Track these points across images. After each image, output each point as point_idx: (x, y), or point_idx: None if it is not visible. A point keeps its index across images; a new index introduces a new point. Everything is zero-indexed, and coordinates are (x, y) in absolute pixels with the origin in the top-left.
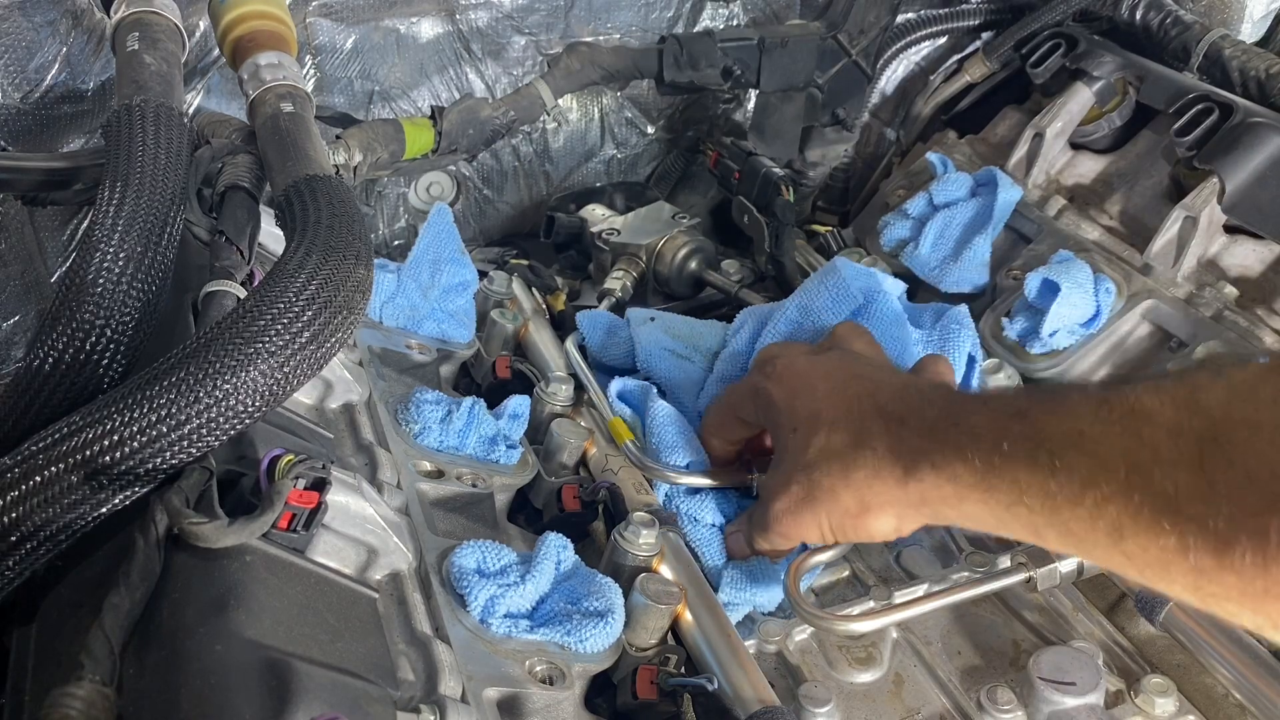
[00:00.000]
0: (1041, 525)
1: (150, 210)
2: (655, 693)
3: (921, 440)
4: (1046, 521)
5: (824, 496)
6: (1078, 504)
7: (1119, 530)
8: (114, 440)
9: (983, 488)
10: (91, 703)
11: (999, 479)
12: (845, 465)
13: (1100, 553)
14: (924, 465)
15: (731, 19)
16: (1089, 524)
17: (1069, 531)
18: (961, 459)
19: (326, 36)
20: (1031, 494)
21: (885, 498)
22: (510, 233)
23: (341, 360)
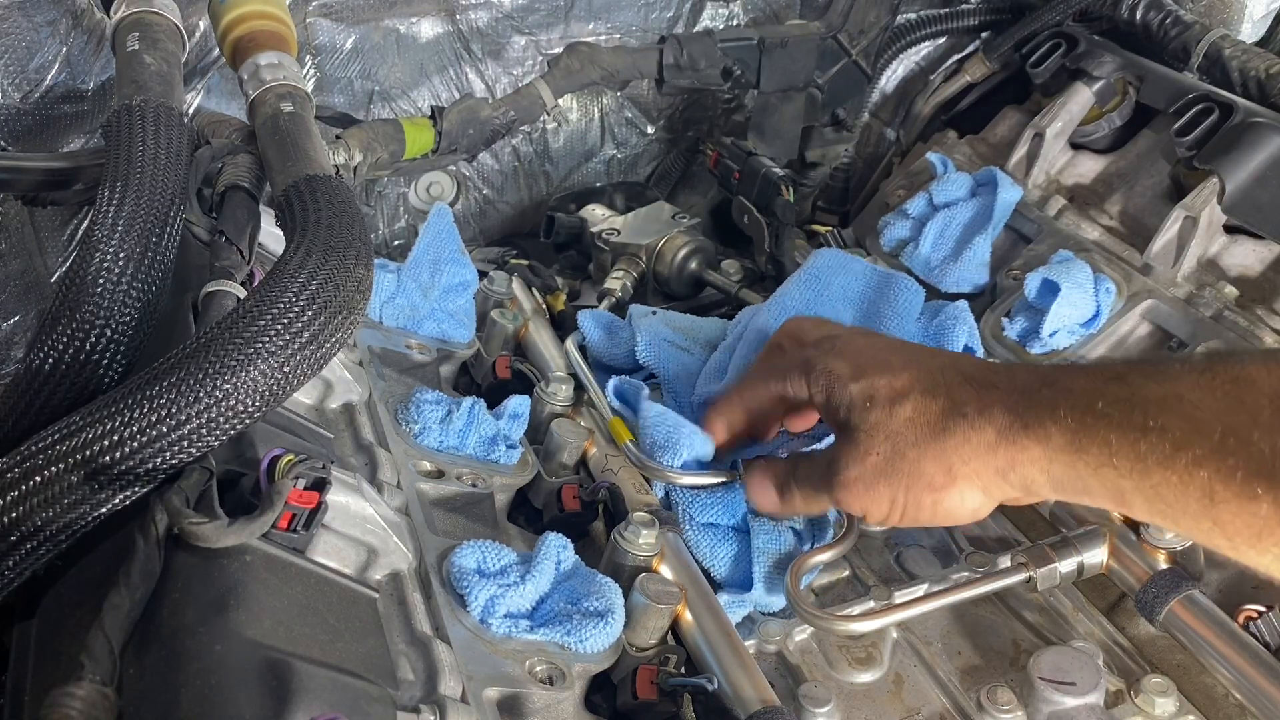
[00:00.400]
0: (1129, 489)
1: (150, 210)
2: (655, 693)
3: (1014, 401)
4: (1135, 485)
5: (907, 468)
6: (1169, 467)
7: (1210, 495)
8: (114, 440)
9: (1072, 449)
10: (91, 702)
11: (1090, 439)
12: (935, 432)
13: (1189, 520)
14: (1015, 426)
15: (731, 19)
16: (1180, 488)
17: (1158, 495)
18: (1054, 418)
19: (326, 36)
20: (1121, 455)
21: (974, 465)
22: (510, 233)
23: (341, 360)
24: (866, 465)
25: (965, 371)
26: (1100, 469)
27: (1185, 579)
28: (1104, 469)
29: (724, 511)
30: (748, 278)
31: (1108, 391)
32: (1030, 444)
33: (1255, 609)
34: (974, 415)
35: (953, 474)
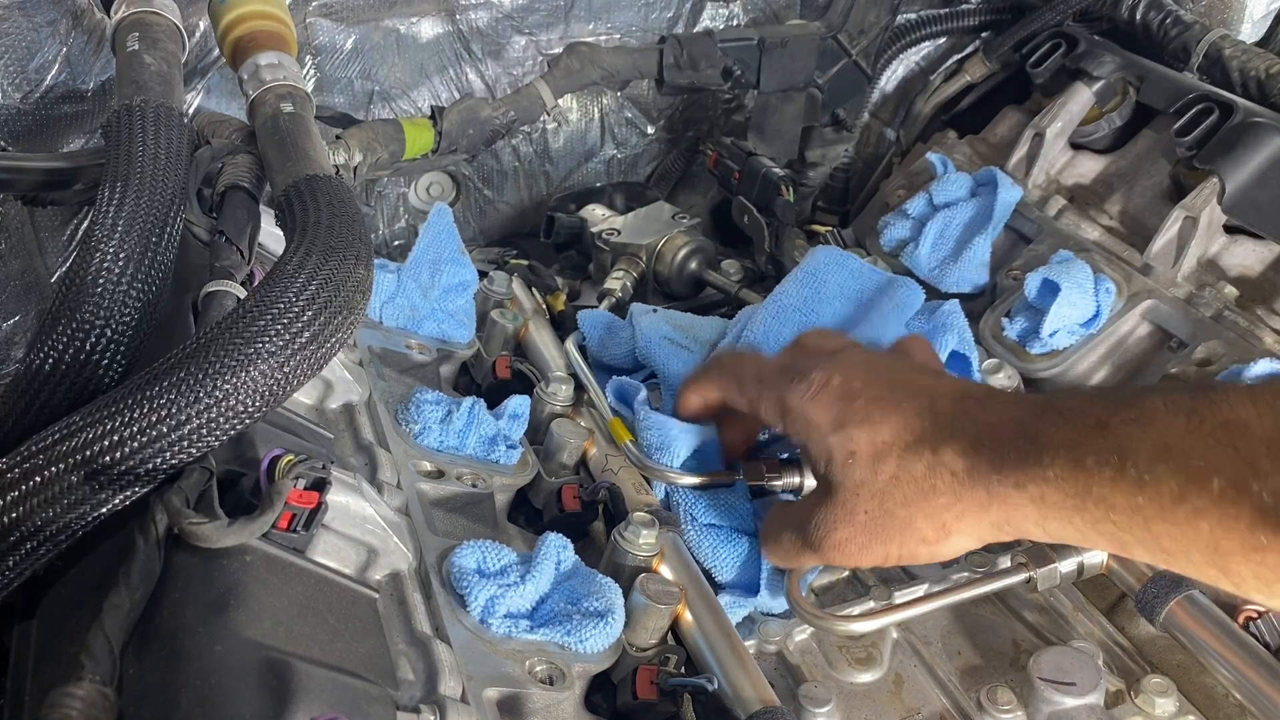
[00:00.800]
0: (1131, 541)
1: (150, 210)
2: (655, 693)
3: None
4: (1136, 538)
5: (899, 526)
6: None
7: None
8: (114, 440)
9: (1068, 506)
10: (91, 703)
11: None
12: (924, 491)
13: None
14: (1006, 484)
15: (731, 19)
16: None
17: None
18: (1045, 478)
19: (326, 36)
20: (1118, 510)
21: (968, 521)
22: (510, 233)
23: (341, 360)
24: (855, 525)
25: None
26: (1099, 524)
27: (1185, 579)
28: (1102, 524)
29: (726, 513)
30: (748, 278)
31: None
32: (1024, 502)
33: (1255, 609)
34: (963, 475)
35: (946, 530)
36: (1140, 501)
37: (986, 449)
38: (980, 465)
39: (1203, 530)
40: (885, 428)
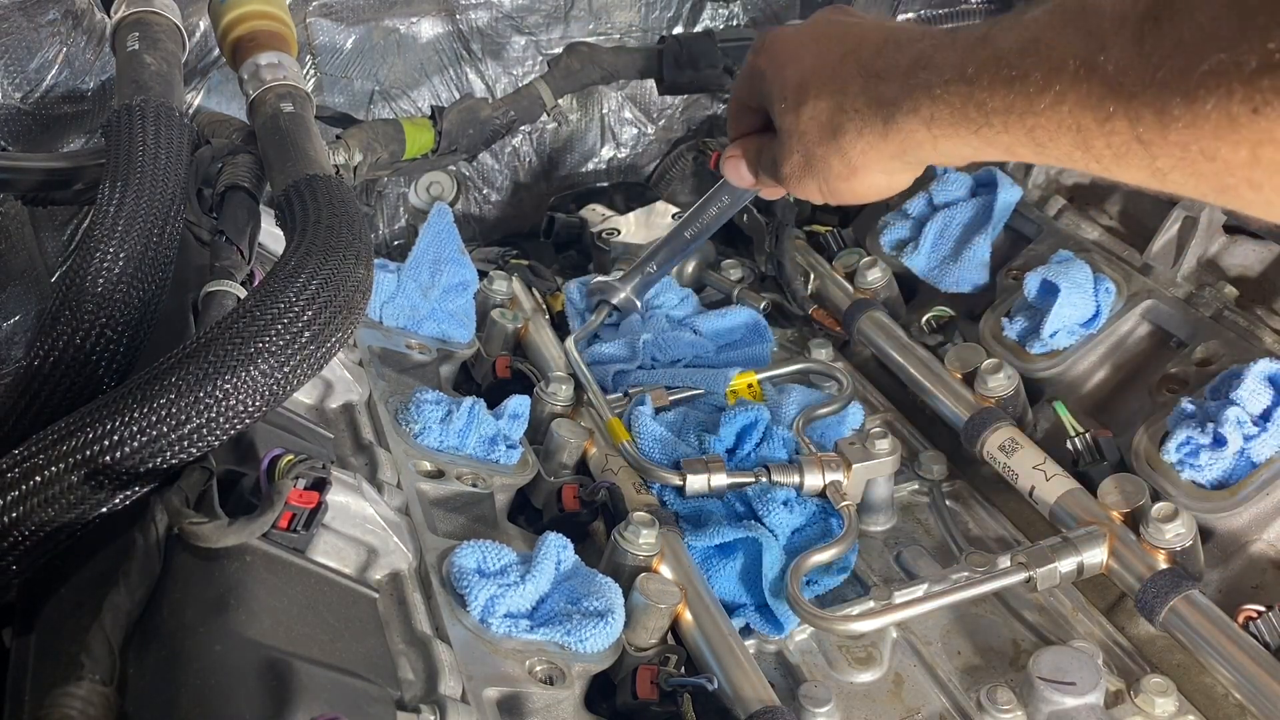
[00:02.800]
0: (1011, 142)
1: (150, 210)
2: (655, 692)
3: (896, 89)
4: (1014, 137)
5: (817, 163)
6: (1037, 111)
7: (1078, 126)
8: (114, 440)
9: (953, 122)
10: (91, 702)
11: (965, 106)
12: (832, 130)
13: (1068, 156)
14: (900, 114)
15: (731, 19)
16: (1052, 128)
17: (1034, 140)
18: (931, 97)
19: (326, 36)
20: (995, 112)
21: (870, 155)
22: (510, 233)
23: (342, 360)
24: (792, 164)
25: (863, 61)
26: (981, 130)
27: (1185, 579)
28: (984, 130)
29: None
30: (748, 278)
31: (975, 55)
32: (916, 127)
33: (1255, 609)
34: (864, 110)
35: (853, 166)
36: (1013, 98)
37: (886, 81)
38: (880, 98)
39: (1065, 114)
40: (811, 71)
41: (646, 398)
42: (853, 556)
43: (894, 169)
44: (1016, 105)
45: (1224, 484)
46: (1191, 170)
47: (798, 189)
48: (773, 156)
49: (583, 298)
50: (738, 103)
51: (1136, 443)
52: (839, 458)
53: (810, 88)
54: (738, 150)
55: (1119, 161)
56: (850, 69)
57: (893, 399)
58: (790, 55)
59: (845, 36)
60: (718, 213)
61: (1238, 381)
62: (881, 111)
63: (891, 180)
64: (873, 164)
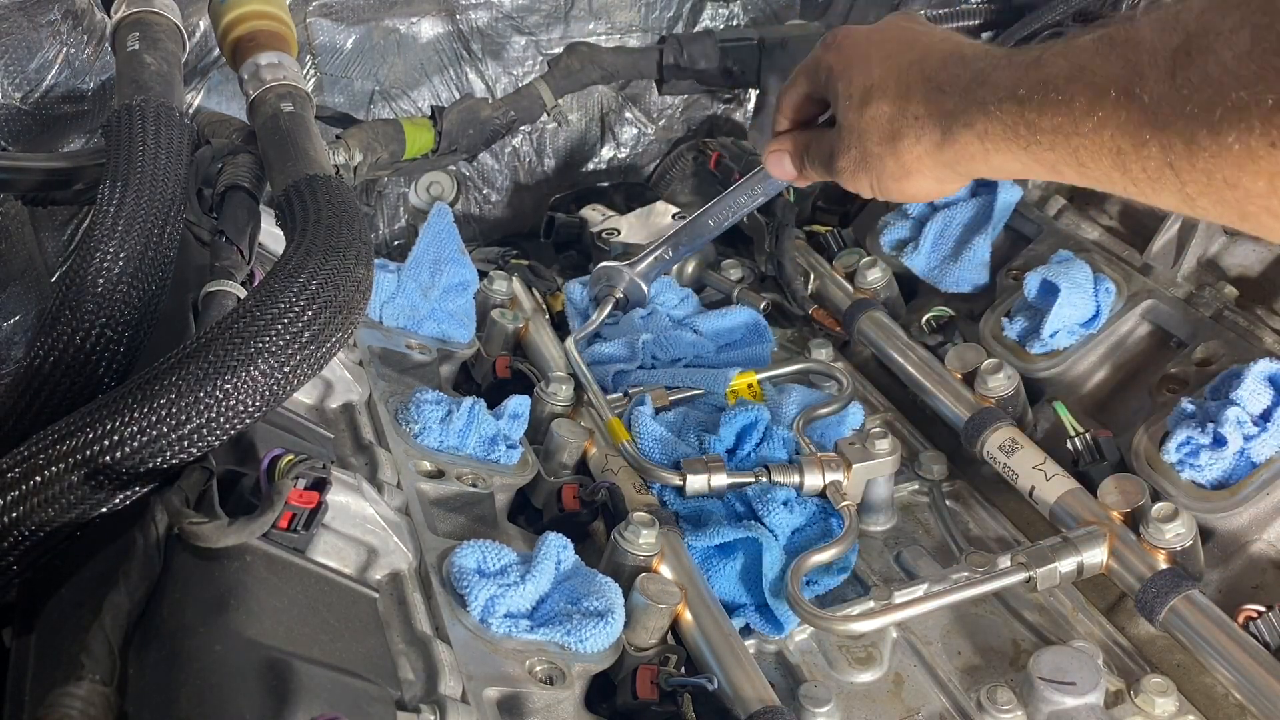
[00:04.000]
0: (1056, 160)
1: (150, 210)
2: (655, 692)
3: (955, 102)
4: (1059, 156)
5: (873, 161)
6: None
7: (1118, 150)
8: (114, 440)
9: (1005, 138)
10: (91, 702)
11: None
12: (892, 134)
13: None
14: (957, 126)
15: (731, 19)
16: (1094, 150)
17: (1080, 161)
18: (986, 114)
19: (327, 36)
20: (1043, 131)
21: (925, 161)
22: (510, 233)
23: (342, 360)
24: (849, 159)
25: (927, 72)
26: (1030, 147)
27: (1185, 579)
28: (1033, 147)
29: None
30: (748, 278)
31: (1027, 78)
32: (970, 140)
33: (1255, 609)
34: (924, 117)
35: (907, 169)
36: (1060, 120)
37: (947, 94)
38: (939, 110)
39: (1106, 138)
40: (875, 73)
41: (646, 398)
42: (853, 556)
43: (945, 176)
44: (1063, 127)
45: (1224, 484)
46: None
47: (850, 183)
48: (829, 149)
49: (583, 297)
50: (797, 94)
51: (1136, 443)
52: (839, 458)
53: (876, 90)
54: (785, 144)
55: (1153, 186)
56: (915, 77)
57: (893, 399)
58: (860, 55)
59: (914, 44)
60: (747, 202)
61: (1238, 381)
62: (941, 122)
63: (941, 186)
64: (926, 170)
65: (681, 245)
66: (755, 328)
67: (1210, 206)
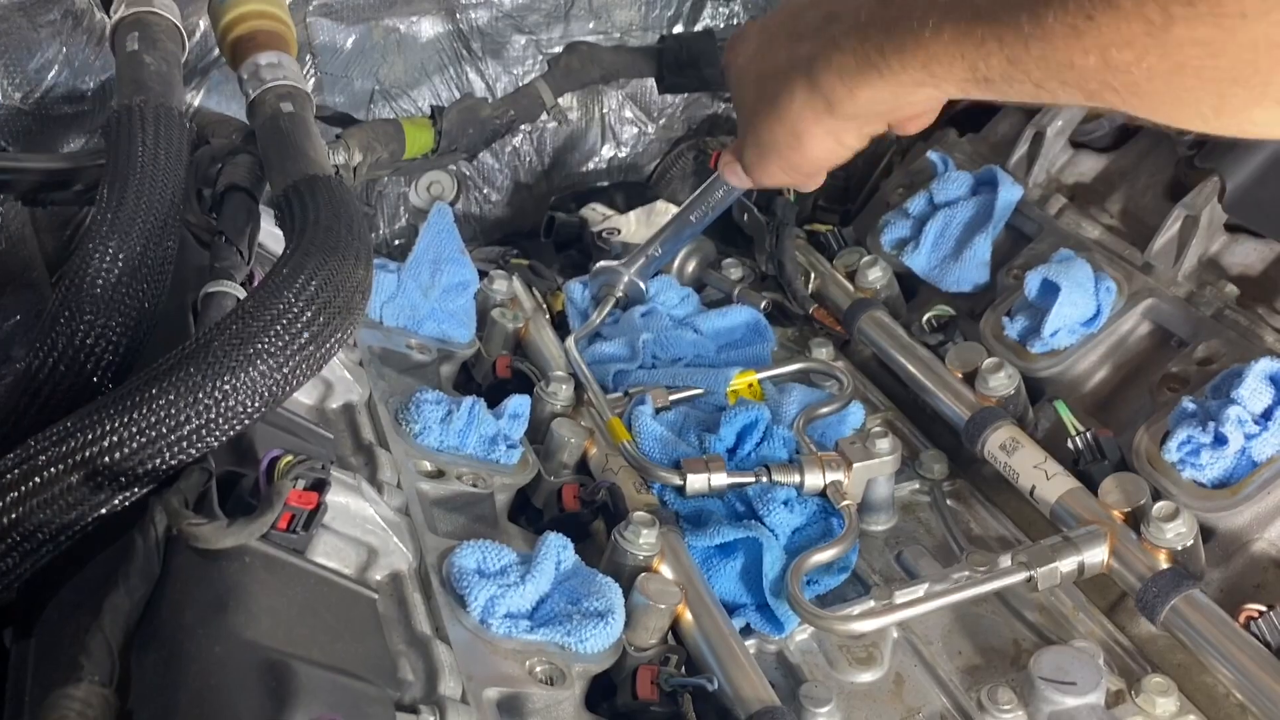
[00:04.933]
0: (914, 83)
1: (150, 211)
2: (656, 693)
3: (810, 45)
4: (915, 76)
5: (766, 141)
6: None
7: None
8: (113, 441)
9: (859, 68)
10: (90, 703)
11: (867, 51)
12: (770, 100)
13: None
14: (816, 67)
15: (732, 18)
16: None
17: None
18: (838, 49)
19: (326, 36)
20: (892, 53)
21: (807, 116)
22: (510, 232)
23: (341, 360)
24: (750, 152)
25: (788, 28)
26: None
27: (1186, 578)
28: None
29: (727, 529)
30: (748, 277)
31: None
32: (832, 80)
33: (1256, 608)
34: (788, 71)
35: (799, 135)
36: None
37: (804, 40)
38: (800, 57)
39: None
40: (751, 55)
41: (647, 397)
42: (853, 556)
43: (836, 129)
44: (907, 44)
45: (1225, 483)
46: (1060, 79)
47: (763, 175)
48: (741, 149)
49: (584, 297)
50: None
51: (1137, 442)
52: (839, 457)
53: (751, 68)
54: (729, 153)
55: (1007, 83)
56: (779, 39)
57: (893, 398)
58: (740, 44)
59: (783, 12)
60: (722, 197)
61: (1239, 380)
62: (802, 68)
63: (840, 142)
64: (812, 125)
65: (670, 241)
66: (756, 327)
67: (1059, 89)
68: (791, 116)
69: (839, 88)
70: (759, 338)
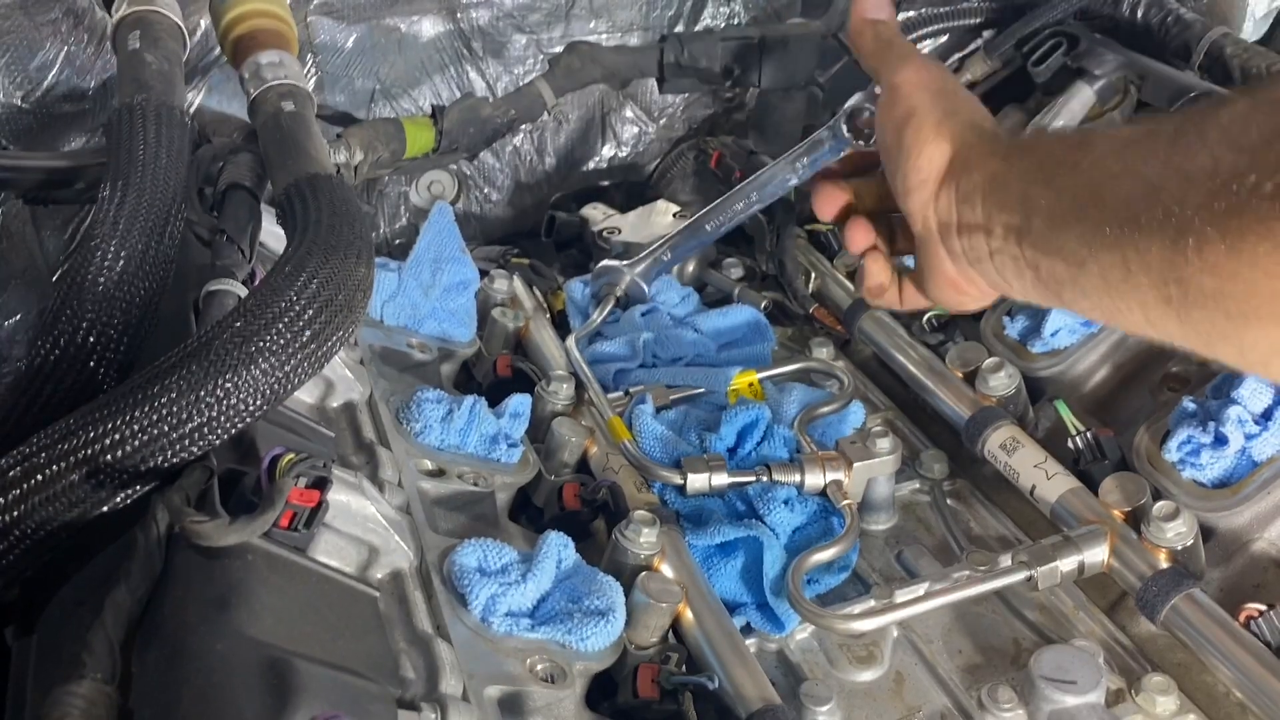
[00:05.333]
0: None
1: (151, 209)
2: (656, 691)
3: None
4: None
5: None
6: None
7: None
8: (115, 439)
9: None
10: (92, 700)
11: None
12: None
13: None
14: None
15: (732, 18)
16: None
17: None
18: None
19: (327, 35)
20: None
21: (959, 279)
22: (511, 231)
23: (342, 359)
24: (926, 278)
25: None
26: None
27: (1186, 578)
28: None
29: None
30: (748, 277)
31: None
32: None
33: (1256, 608)
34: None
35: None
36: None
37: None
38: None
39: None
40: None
41: (647, 396)
42: (854, 555)
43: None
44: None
45: (1225, 483)
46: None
47: (936, 299)
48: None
49: (584, 296)
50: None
51: (1138, 442)
52: (840, 457)
53: (932, 181)
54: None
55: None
56: (983, 192)
57: (894, 398)
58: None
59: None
60: (744, 208)
61: (1239, 380)
62: (989, 239)
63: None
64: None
65: (679, 247)
66: (756, 326)
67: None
68: (951, 270)
69: (1009, 284)
70: (759, 337)
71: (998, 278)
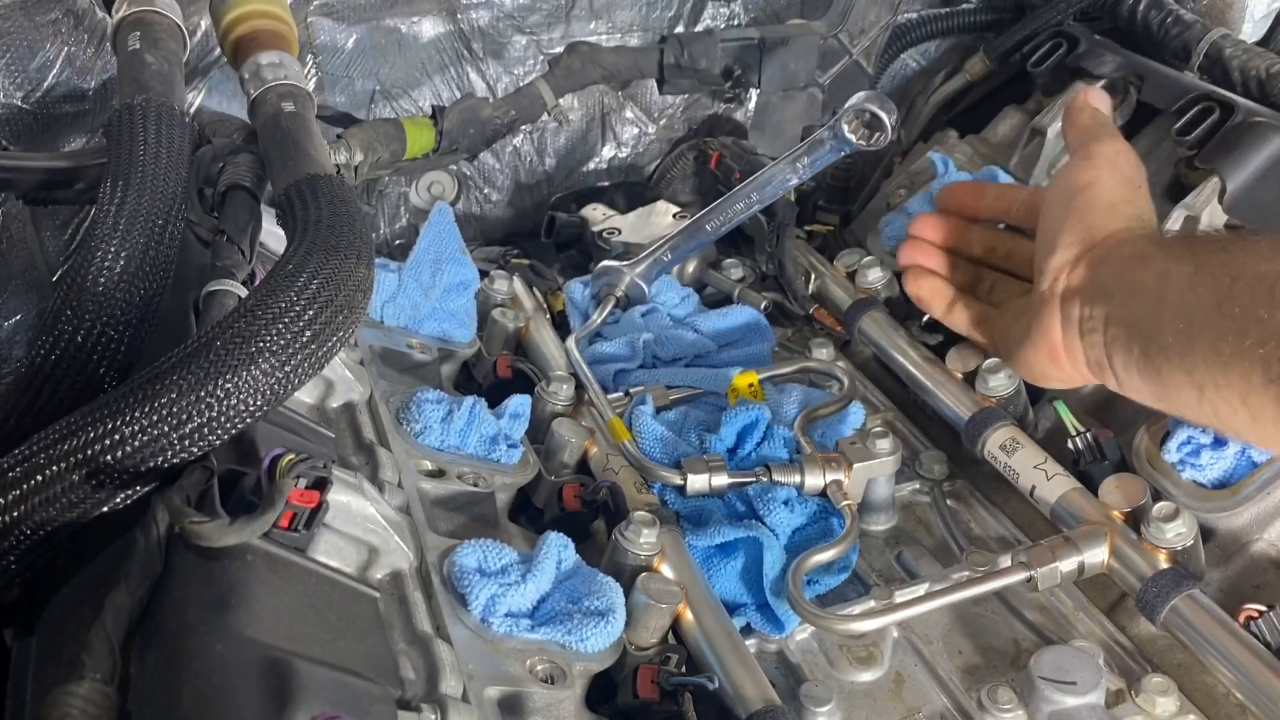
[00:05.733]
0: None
1: (151, 209)
2: (656, 692)
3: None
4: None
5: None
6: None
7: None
8: (115, 439)
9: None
10: (92, 701)
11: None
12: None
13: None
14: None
15: (732, 18)
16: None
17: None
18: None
19: (328, 36)
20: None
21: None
22: (511, 232)
23: (343, 359)
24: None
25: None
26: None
27: (1186, 578)
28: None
29: (727, 529)
30: (748, 277)
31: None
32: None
33: (1256, 608)
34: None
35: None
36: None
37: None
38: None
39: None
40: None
41: (647, 397)
42: (854, 556)
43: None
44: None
45: (1225, 483)
46: None
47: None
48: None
49: (584, 297)
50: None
51: (1137, 442)
52: (840, 457)
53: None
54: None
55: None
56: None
57: (894, 398)
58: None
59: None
60: (744, 209)
61: None
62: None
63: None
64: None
65: (679, 247)
66: (756, 327)
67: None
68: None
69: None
70: (759, 338)
71: (1102, 354)
